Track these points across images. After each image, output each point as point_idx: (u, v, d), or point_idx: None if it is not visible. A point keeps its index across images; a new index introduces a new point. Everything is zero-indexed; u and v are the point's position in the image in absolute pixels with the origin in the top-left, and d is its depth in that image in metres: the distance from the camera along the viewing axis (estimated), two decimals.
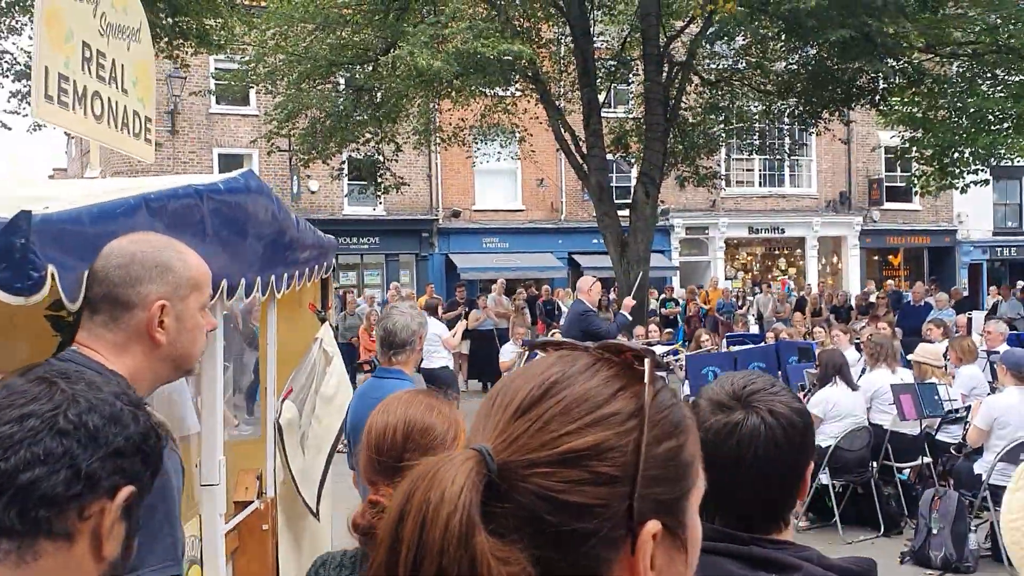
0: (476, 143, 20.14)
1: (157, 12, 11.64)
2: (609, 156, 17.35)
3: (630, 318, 9.91)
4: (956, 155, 17.52)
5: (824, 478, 7.38)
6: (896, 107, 17.56)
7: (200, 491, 3.18)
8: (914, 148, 18.35)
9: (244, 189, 3.03)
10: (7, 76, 14.58)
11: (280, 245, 3.40)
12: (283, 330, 4.27)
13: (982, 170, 17.86)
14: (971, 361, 7.91)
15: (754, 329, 17.71)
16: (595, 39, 16.34)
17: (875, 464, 7.64)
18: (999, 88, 17.10)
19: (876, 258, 28.54)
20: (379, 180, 18.05)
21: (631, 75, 18.49)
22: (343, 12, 14.84)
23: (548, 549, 0.79)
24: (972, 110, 16.82)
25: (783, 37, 15.63)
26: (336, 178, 17.68)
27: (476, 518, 0.77)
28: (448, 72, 12.97)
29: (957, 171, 17.80)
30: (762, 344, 11.99)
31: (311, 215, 22.85)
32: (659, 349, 10.53)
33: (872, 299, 19.31)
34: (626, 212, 15.51)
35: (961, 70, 17.24)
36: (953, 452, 7.47)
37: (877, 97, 16.93)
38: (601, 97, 17.38)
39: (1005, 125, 17.04)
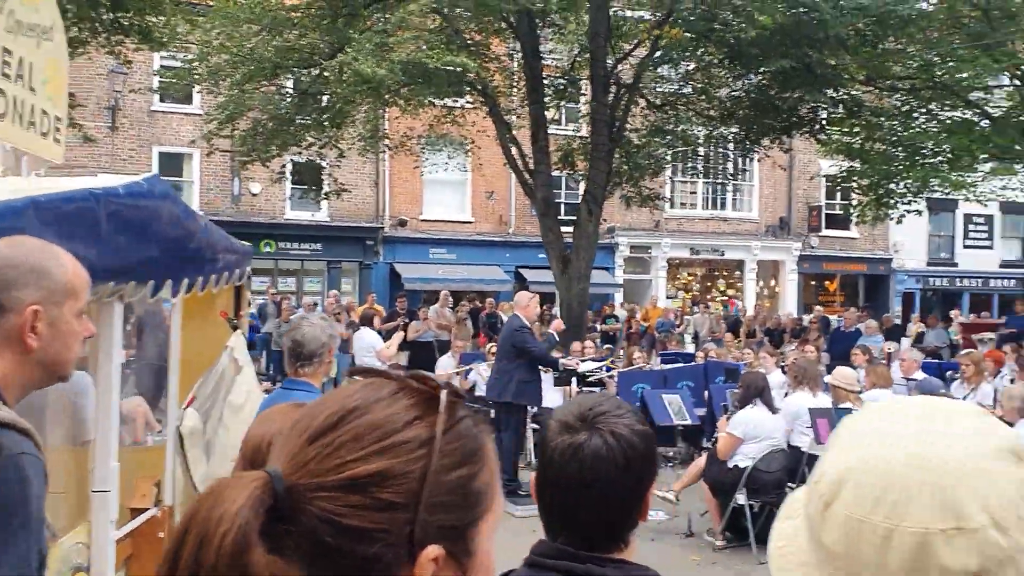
0: (425, 153, 20.13)
1: (98, 7, 11.47)
2: (556, 173, 17.48)
3: (557, 339, 9.99)
4: (892, 186, 17.98)
5: (741, 498, 7.51)
6: (835, 137, 17.98)
7: (92, 497, 3.14)
8: (852, 178, 18.81)
9: (147, 194, 3.02)
10: None
11: (186, 250, 3.38)
12: (196, 337, 4.24)
13: (916, 201, 18.35)
14: (884, 387, 8.12)
15: (691, 348, 17.96)
16: (545, 57, 16.47)
17: (792, 485, 7.78)
18: (933, 123, 17.63)
19: (813, 283, 29.11)
20: (321, 185, 17.95)
21: (579, 94, 18.66)
22: (290, 15, 14.76)
23: (329, 570, 0.82)
24: (907, 143, 17.30)
25: (727, 64, 15.92)
26: (277, 181, 17.52)
27: (252, 537, 0.79)
28: (392, 81, 12.99)
29: (892, 201, 18.27)
30: (692, 363, 12.17)
31: (252, 218, 22.62)
32: (588, 364, 10.62)
33: (805, 323, 19.70)
34: (571, 229, 15.63)
35: (898, 103, 17.72)
36: None
37: (816, 127, 17.30)
38: (551, 114, 17.53)
39: (939, 159, 17.55)
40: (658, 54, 15.57)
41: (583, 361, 10.23)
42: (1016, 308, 17.45)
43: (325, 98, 15.94)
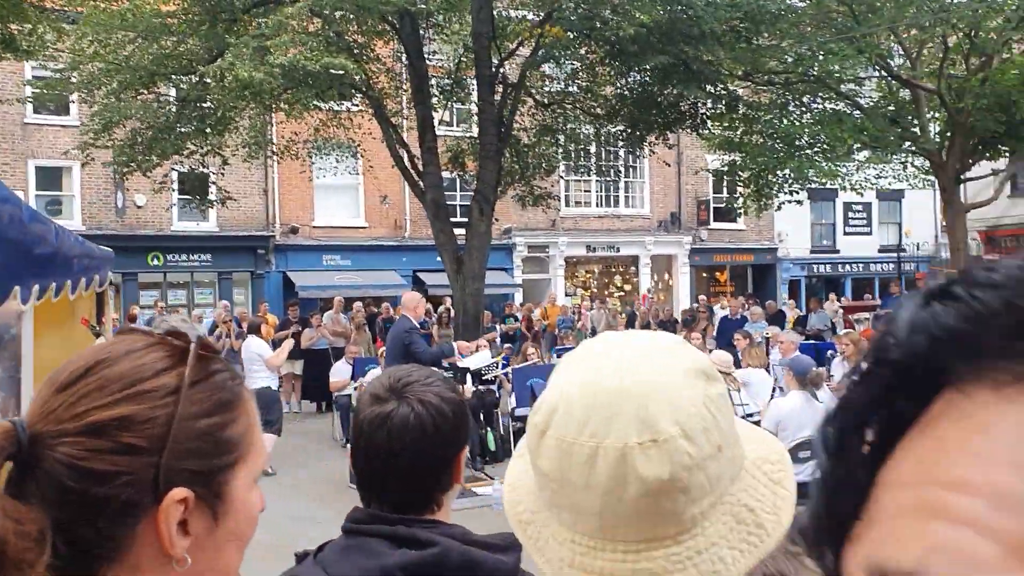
0: (313, 158, 19.90)
1: None
2: (447, 174, 17.50)
3: (454, 347, 10.01)
4: (771, 177, 18.64)
5: None
6: (716, 132, 18.55)
7: None
8: (734, 170, 19.44)
9: None
10: None
11: (33, 255, 3.29)
12: (56, 346, 4.12)
13: (796, 192, 19.08)
14: (758, 366, 8.46)
15: None
16: (430, 58, 16.49)
17: None
18: (808, 115, 18.36)
19: (705, 275, 29.92)
20: (207, 194, 17.57)
21: (466, 95, 18.76)
22: (167, 21, 14.40)
23: (71, 513, 0.86)
24: (784, 135, 17.98)
25: (609, 62, 16.24)
26: (158, 191, 17.06)
27: None
28: (273, 85, 12.81)
29: (772, 192, 18.95)
30: None
31: (138, 230, 21.96)
32: (480, 357, 10.65)
33: (695, 313, 20.28)
34: (463, 230, 15.67)
35: (774, 97, 18.38)
36: None
37: (698, 122, 17.80)
38: (441, 115, 17.55)
39: (815, 150, 18.30)
40: (541, 53, 15.77)
41: (472, 355, 10.26)
42: (891, 289, 18.32)
43: (206, 105, 15.62)
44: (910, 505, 0.34)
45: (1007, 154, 19.75)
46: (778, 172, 18.26)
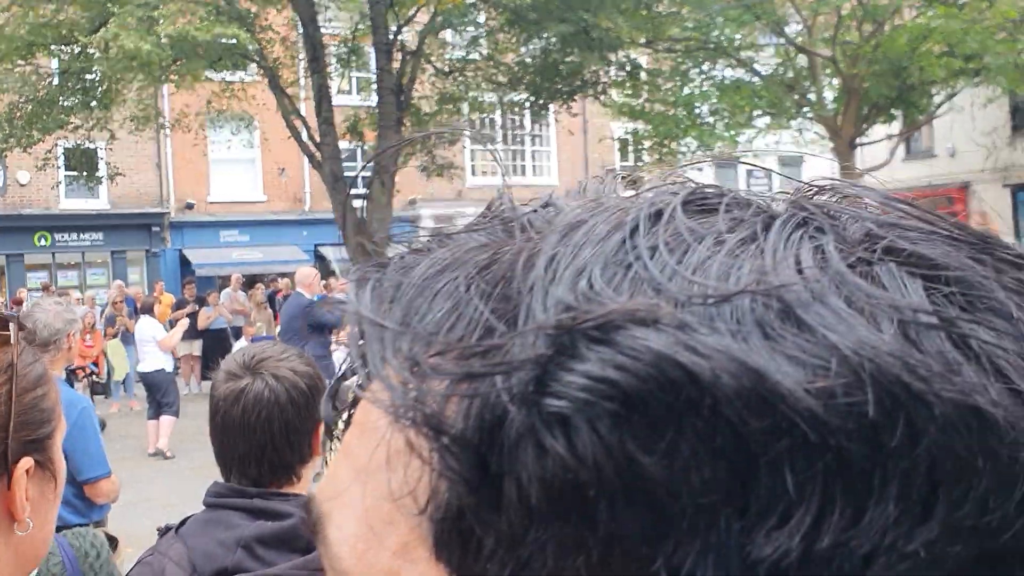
0: (208, 130, 19.23)
1: None
2: (345, 144, 17.10)
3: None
4: (674, 146, 18.81)
5: None
6: (618, 100, 18.57)
7: None
8: (638, 139, 19.55)
9: None
10: None
11: None
12: None
13: (700, 160, 19.27)
14: None
15: None
16: (325, 25, 16.01)
17: None
18: (709, 83, 18.54)
19: None
20: (96, 170, 16.83)
21: (362, 63, 18.33)
22: None
23: None
24: (686, 103, 18.14)
25: (509, 29, 16.04)
26: (42, 168, 16.25)
27: None
28: (162, 56, 12.30)
29: (677, 162, 19.13)
30: None
31: (22, 210, 20.94)
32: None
33: None
34: (365, 202, 15.36)
35: (675, 64, 18.49)
36: None
37: (599, 90, 17.76)
38: (339, 84, 17.09)
39: (715, 118, 18.53)
40: (439, 19, 15.47)
41: None
42: None
43: (91, 77, 14.94)
44: None
45: (899, 119, 20.36)
46: (680, 141, 18.43)
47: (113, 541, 2.41)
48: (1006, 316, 0.30)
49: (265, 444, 1.58)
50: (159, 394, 10.36)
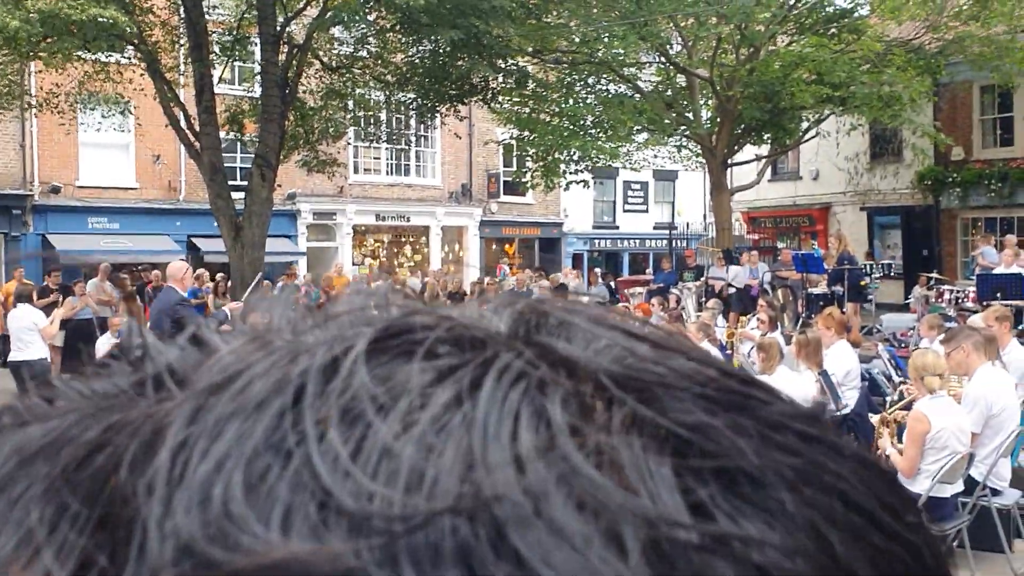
0: (78, 111, 18.37)
1: None
2: (225, 135, 16.67)
3: (227, 313, 9.61)
4: (558, 155, 19.15)
5: None
6: (505, 107, 18.78)
7: None
8: (523, 146, 19.79)
9: None
10: None
11: None
12: None
13: (582, 171, 19.69)
14: None
15: None
16: (209, 12, 15.58)
17: None
18: (592, 95, 18.97)
19: (494, 247, 30.39)
20: None
21: (247, 53, 17.92)
22: None
23: None
24: (570, 114, 18.50)
25: (400, 30, 16.00)
26: None
27: None
28: (31, 32, 11.73)
29: (561, 170, 19.47)
30: None
31: None
32: None
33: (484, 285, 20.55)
34: (243, 195, 15.02)
35: (562, 76, 18.83)
36: None
37: (488, 95, 17.92)
38: (222, 73, 16.65)
39: (598, 130, 18.95)
40: (329, 15, 15.29)
41: None
42: (662, 265, 19.31)
43: None
44: None
45: (769, 141, 21.31)
46: (564, 151, 18.78)
47: None
48: (775, 509, 0.24)
49: None
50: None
